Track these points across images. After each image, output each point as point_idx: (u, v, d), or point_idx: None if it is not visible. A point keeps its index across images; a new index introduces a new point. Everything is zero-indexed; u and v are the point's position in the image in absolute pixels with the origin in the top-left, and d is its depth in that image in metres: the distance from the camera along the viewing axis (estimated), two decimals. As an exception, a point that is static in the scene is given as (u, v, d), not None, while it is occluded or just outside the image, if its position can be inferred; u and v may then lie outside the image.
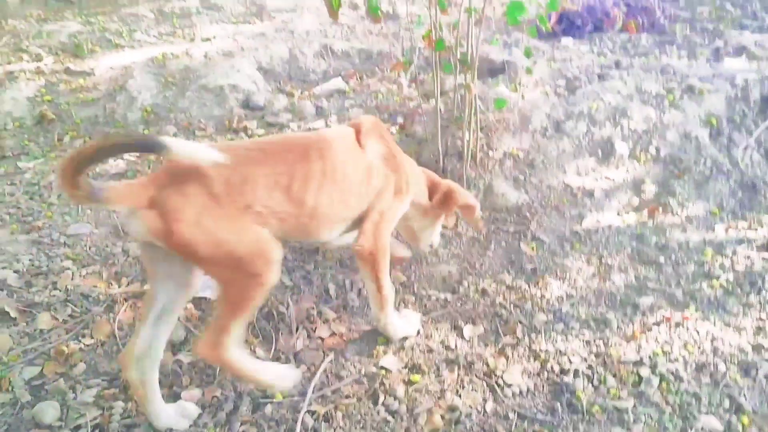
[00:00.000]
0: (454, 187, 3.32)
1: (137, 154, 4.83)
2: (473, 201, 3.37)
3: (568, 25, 6.87)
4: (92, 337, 3.19)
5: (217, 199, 2.39)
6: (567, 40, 6.54)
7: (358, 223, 2.96)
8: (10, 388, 2.86)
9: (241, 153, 2.56)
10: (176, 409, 2.69)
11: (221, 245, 2.35)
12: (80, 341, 3.16)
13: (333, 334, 3.24)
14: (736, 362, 2.95)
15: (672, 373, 2.89)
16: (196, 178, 2.39)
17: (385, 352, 3.09)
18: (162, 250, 2.39)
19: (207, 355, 2.46)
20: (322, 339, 3.20)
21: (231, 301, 2.42)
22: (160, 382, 2.86)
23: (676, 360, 2.98)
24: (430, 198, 3.33)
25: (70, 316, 3.31)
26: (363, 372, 2.98)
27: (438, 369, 2.99)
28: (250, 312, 2.47)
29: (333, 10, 3.86)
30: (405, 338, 3.18)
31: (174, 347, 3.12)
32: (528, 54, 4.22)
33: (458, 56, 4.05)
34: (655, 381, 2.84)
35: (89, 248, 3.80)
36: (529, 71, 4.35)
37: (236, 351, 2.49)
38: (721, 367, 2.92)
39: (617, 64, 5.47)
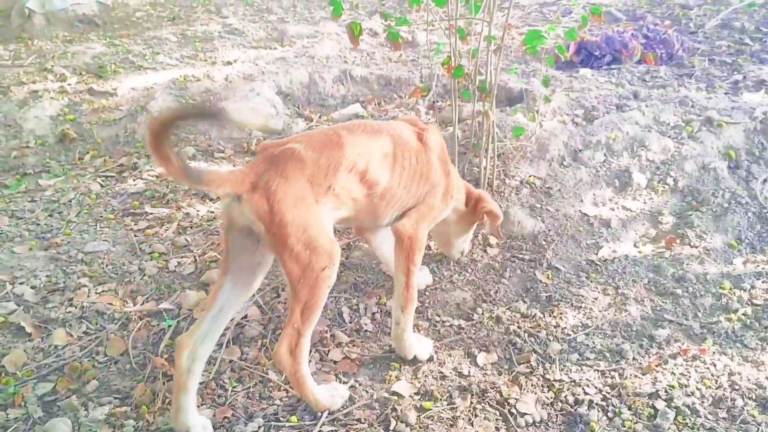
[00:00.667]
0: (484, 195, 3.56)
1: (156, 174, 4.89)
2: (498, 210, 3.58)
3: (587, 55, 6.89)
4: (106, 355, 3.20)
5: (310, 181, 2.61)
6: (585, 71, 6.55)
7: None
8: (23, 404, 2.87)
9: (323, 137, 2.75)
10: (200, 420, 2.73)
11: (307, 230, 2.53)
12: (94, 358, 3.18)
13: (346, 357, 3.23)
14: (754, 397, 2.91)
15: (688, 407, 2.85)
16: (293, 162, 2.59)
17: (397, 378, 3.07)
18: (244, 242, 2.63)
19: (285, 361, 2.62)
20: (335, 362, 3.19)
21: (302, 301, 2.58)
22: (171, 402, 2.87)
23: (693, 394, 2.94)
24: (466, 206, 3.54)
25: (85, 332, 3.33)
26: (375, 397, 2.96)
27: (451, 396, 2.96)
28: (317, 313, 2.64)
29: (354, 37, 3.92)
30: (415, 360, 3.17)
31: (186, 367, 3.12)
32: (546, 83, 4.24)
33: (477, 83, 4.08)
34: (671, 415, 2.80)
35: (106, 266, 3.83)
36: (547, 100, 4.36)
37: (306, 365, 2.69)
38: (739, 402, 2.87)
39: (635, 95, 5.48)
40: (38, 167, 5.12)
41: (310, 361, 3.13)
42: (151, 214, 4.38)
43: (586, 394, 2.94)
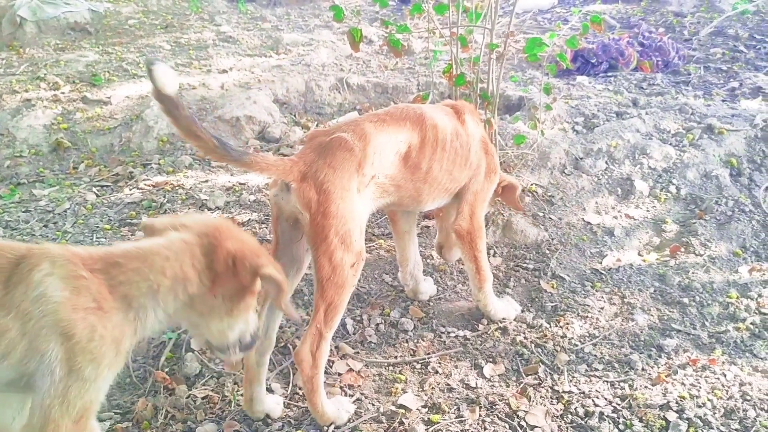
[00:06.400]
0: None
1: (153, 183, 4.82)
2: (516, 181, 3.60)
3: (583, 63, 6.88)
4: (105, 369, 3.12)
5: (357, 171, 2.61)
6: (582, 78, 6.55)
7: (453, 199, 3.23)
8: (21, 420, 2.79)
9: (367, 126, 2.74)
10: (273, 399, 2.86)
11: (347, 223, 2.55)
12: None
13: (350, 370, 3.17)
14: (766, 408, 2.87)
15: (700, 419, 2.81)
16: (341, 152, 2.59)
17: (404, 390, 3.02)
18: (291, 232, 2.66)
19: (306, 361, 2.61)
20: (340, 374, 3.13)
21: (327, 301, 2.59)
22: (173, 417, 2.82)
23: (704, 405, 2.90)
24: None
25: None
26: (381, 410, 2.91)
27: (458, 409, 2.91)
28: (339, 316, 2.67)
29: (355, 43, 3.88)
30: (503, 319, 3.44)
31: (188, 381, 3.06)
32: (548, 91, 4.21)
33: (478, 92, 4.05)
34: (683, 426, 2.76)
35: (103, 277, 3.75)
36: (548, 108, 4.33)
37: (322, 372, 2.69)
38: (751, 413, 2.84)
39: (635, 103, 5.47)
40: (32, 177, 5.05)
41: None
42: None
43: (596, 405, 2.90)
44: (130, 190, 4.79)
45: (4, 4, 8.61)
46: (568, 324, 3.45)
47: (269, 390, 2.96)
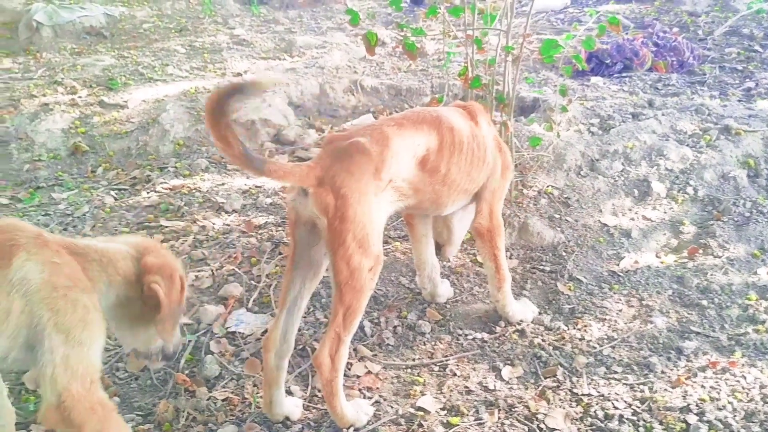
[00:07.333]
0: None
1: (170, 187, 4.86)
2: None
3: (597, 64, 6.87)
4: (126, 371, 3.16)
5: (374, 175, 2.62)
6: (596, 79, 6.53)
7: (471, 200, 3.26)
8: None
9: (384, 130, 2.75)
10: (292, 401, 2.89)
11: (365, 227, 2.56)
12: (114, 374, 3.14)
13: (369, 372, 3.18)
14: (787, 411, 2.85)
15: (721, 421, 2.80)
16: (358, 156, 2.61)
17: (422, 393, 3.02)
18: (309, 236, 2.66)
19: (326, 365, 2.62)
20: (358, 377, 3.14)
21: (346, 305, 2.59)
22: (194, 419, 2.84)
23: (725, 407, 2.88)
24: None
25: (104, 348, 3.27)
26: (400, 412, 2.91)
27: (477, 411, 2.91)
28: (358, 320, 2.66)
29: (371, 46, 3.89)
30: (521, 322, 3.45)
31: (208, 383, 3.08)
32: (564, 92, 4.21)
33: (494, 94, 4.05)
34: (704, 429, 2.75)
35: (123, 280, 3.78)
36: (564, 110, 4.34)
37: (342, 375, 2.69)
38: (772, 416, 2.82)
39: (650, 104, 5.45)
40: (51, 180, 5.10)
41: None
42: (167, 227, 4.34)
43: (615, 408, 2.89)
44: (148, 193, 4.83)
45: (20, 9, 8.71)
46: (586, 326, 3.44)
47: (288, 392, 2.97)
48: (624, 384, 3.04)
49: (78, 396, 2.01)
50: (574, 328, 3.44)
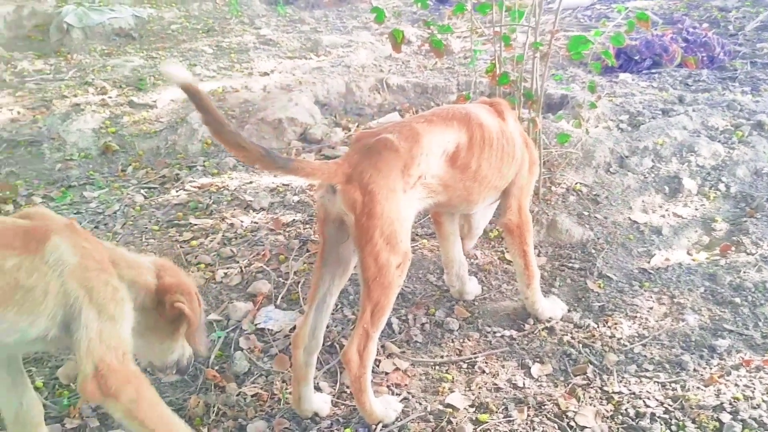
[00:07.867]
0: None
1: (198, 185, 4.91)
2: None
3: (626, 60, 6.79)
4: (157, 366, 3.19)
5: (402, 172, 2.62)
6: (625, 76, 6.46)
7: (500, 197, 3.25)
8: (78, 415, 2.87)
9: (414, 127, 2.75)
10: (321, 397, 2.90)
11: (393, 224, 2.55)
12: (145, 370, 3.12)
13: (397, 369, 3.18)
14: (823, 410, 2.79)
15: (755, 420, 2.75)
16: (386, 153, 2.61)
17: (451, 390, 3.02)
18: (338, 233, 2.67)
19: (354, 361, 2.61)
20: (386, 373, 3.14)
21: (374, 302, 2.59)
22: (224, 414, 2.87)
23: (759, 406, 2.83)
24: None
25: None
26: (429, 409, 2.91)
27: (506, 408, 2.90)
28: (386, 316, 2.65)
29: (397, 44, 3.90)
30: (550, 319, 3.43)
31: (238, 379, 3.11)
32: (592, 89, 4.17)
33: (522, 90, 4.02)
34: (738, 428, 2.70)
35: (153, 277, 3.82)
36: (593, 106, 4.29)
37: (370, 371, 2.68)
38: (808, 416, 2.77)
39: (681, 100, 5.38)
40: (82, 179, 5.17)
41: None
42: (196, 225, 4.38)
43: (647, 406, 2.86)
44: (177, 191, 4.89)
45: (51, 11, 8.86)
46: (616, 324, 3.41)
47: (317, 389, 2.99)
48: (656, 382, 3.01)
49: (113, 366, 2.11)
50: (604, 326, 3.40)
